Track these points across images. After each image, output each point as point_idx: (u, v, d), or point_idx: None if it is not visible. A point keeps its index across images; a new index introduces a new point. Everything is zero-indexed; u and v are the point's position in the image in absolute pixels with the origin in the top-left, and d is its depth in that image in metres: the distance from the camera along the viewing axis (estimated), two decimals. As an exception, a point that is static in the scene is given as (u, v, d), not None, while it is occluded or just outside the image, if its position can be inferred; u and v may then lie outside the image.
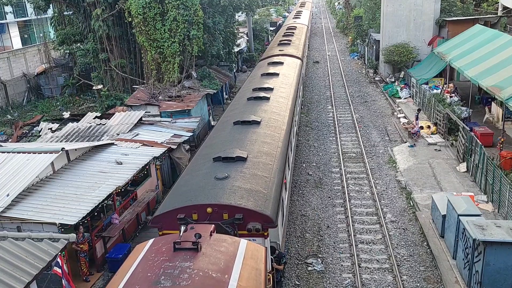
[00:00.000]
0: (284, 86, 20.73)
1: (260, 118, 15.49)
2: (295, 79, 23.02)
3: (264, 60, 28.01)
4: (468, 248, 12.14)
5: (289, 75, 23.15)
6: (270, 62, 25.63)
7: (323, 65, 45.41)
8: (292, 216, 17.09)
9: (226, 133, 14.96)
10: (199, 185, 11.19)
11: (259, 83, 20.87)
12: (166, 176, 19.80)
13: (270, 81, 21.00)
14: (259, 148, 13.37)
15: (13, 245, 10.53)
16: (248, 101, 18.10)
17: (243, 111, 16.68)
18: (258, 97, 18.14)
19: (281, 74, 22.60)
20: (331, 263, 14.35)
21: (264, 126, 15.17)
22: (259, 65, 27.96)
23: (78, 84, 37.08)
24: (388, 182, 19.64)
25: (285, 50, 29.90)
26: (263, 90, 19.26)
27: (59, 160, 15.91)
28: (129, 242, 15.48)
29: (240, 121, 15.23)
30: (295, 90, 21.30)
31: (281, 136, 14.87)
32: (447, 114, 22.48)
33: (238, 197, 10.51)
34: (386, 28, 34.58)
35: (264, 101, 17.85)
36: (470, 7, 37.21)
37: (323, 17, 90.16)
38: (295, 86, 21.83)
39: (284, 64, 25.04)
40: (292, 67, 25.16)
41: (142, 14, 26.59)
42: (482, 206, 16.20)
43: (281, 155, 13.67)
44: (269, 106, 17.43)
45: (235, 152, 12.47)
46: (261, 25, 52.59)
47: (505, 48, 23.20)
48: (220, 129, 15.83)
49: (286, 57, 27.37)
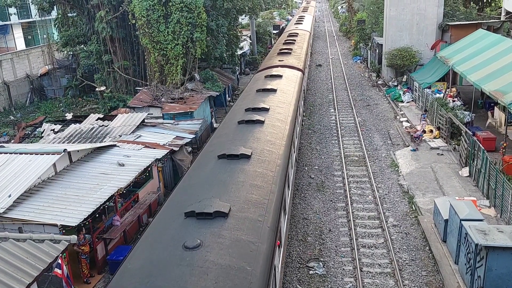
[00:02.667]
0: (282, 106, 18.27)
1: (250, 150, 12.68)
2: (295, 95, 20.55)
3: (261, 72, 25.44)
4: (470, 253, 12.09)
5: (288, 91, 20.72)
6: (267, 75, 23.15)
7: (325, 68, 45.42)
8: (294, 220, 17.05)
9: (206, 171, 11.93)
10: (159, 260, 8.06)
11: (253, 101, 18.31)
12: (168, 178, 19.81)
13: (266, 99, 18.57)
14: (246, 195, 10.44)
15: (14, 246, 10.53)
16: (239, 125, 15.37)
17: (232, 139, 14.10)
18: (250, 120, 15.43)
19: (279, 90, 20.09)
20: (332, 267, 14.31)
21: (256, 160, 12.35)
22: (255, 78, 25.26)
23: (81, 86, 37.17)
24: (390, 186, 19.59)
25: (285, 60, 27.65)
26: (257, 111, 16.56)
27: (61, 162, 15.93)
28: (130, 244, 15.46)
29: (226, 155, 12.38)
30: (295, 109, 18.85)
31: (275, 176, 11.96)
32: (449, 119, 22.43)
33: (210, 284, 7.39)
34: (389, 32, 34.58)
35: (258, 126, 15.15)
36: (473, 12, 37.19)
37: (326, 21, 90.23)
38: (295, 104, 19.45)
39: (283, 78, 22.65)
40: (292, 81, 22.81)
41: (146, 16, 26.66)
42: (484, 211, 16.13)
43: (275, 204, 10.58)
44: (262, 132, 14.68)
45: (214, 205, 9.40)
46: (264, 28, 52.69)
47: (508, 53, 23.15)
48: (202, 164, 12.72)
49: (286, 69, 24.96)
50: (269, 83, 21.35)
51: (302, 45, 35.02)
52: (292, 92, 20.82)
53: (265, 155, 12.92)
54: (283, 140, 14.68)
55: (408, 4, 33.30)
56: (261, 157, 12.72)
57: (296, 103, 19.75)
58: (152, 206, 17.64)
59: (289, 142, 14.98)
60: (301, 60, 28.91)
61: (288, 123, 16.63)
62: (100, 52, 31.34)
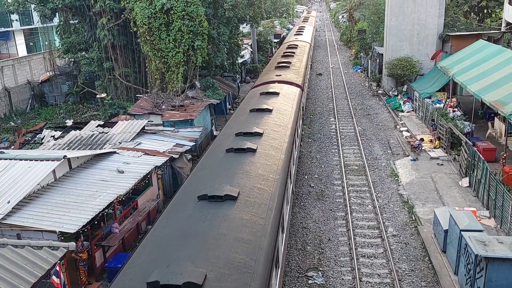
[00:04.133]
0: (278, 129, 16.33)
1: (237, 190, 10.72)
2: (292, 116, 18.70)
3: (257, 89, 23.66)
4: (470, 264, 12.03)
5: (286, 111, 18.95)
6: (263, 93, 21.44)
7: (326, 77, 45.55)
8: (293, 229, 16.99)
9: (182, 219, 9.77)
10: None
11: (245, 123, 16.49)
12: (167, 185, 19.77)
13: (260, 121, 16.71)
14: (229, 254, 8.44)
15: (13, 252, 10.49)
16: (227, 153, 13.52)
17: (217, 174, 12.09)
18: (240, 149, 13.52)
19: (275, 111, 18.37)
20: (331, 277, 14.23)
21: (243, 203, 10.31)
22: (250, 94, 23.45)
23: (82, 92, 37.30)
24: (390, 196, 19.56)
25: (283, 75, 25.93)
26: (248, 137, 14.75)
27: (61, 168, 15.91)
28: (128, 251, 15.40)
29: (208, 196, 10.36)
30: (292, 133, 16.85)
31: (266, 224, 9.83)
32: (449, 129, 22.46)
33: None
34: (389, 42, 34.75)
35: (248, 156, 13.24)
36: (473, 23, 37.44)
37: (327, 30, 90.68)
38: (292, 127, 17.49)
39: (279, 96, 20.97)
40: (289, 99, 21.13)
41: (147, 24, 26.79)
42: (484, 221, 16.09)
43: (264, 265, 8.54)
44: (254, 164, 12.74)
45: (185, 274, 7.48)
46: (265, 37, 52.95)
47: (508, 63, 23.24)
48: (178, 207, 10.59)
49: (283, 85, 23.30)
50: (264, 101, 19.63)
51: (301, 58, 33.33)
52: (289, 112, 19.00)
53: (254, 196, 10.94)
54: (277, 174, 12.68)
55: (409, 14, 33.50)
56: (250, 198, 10.72)
57: (294, 125, 17.87)
58: (151, 214, 17.59)
59: (284, 176, 12.88)
60: (300, 75, 27.24)
61: (284, 151, 14.64)
62: (101, 59, 31.47)
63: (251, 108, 18.60)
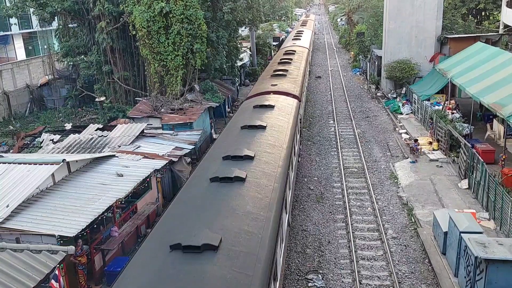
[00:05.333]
0: (272, 150, 14.49)
1: (220, 237, 8.85)
2: (288, 133, 16.80)
3: (251, 100, 21.63)
4: (470, 266, 12.02)
5: (281, 128, 17.08)
6: (256, 106, 19.58)
7: (325, 80, 45.60)
8: (293, 231, 16.98)
9: (151, 277, 8.06)
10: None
11: (235, 144, 14.58)
12: (166, 188, 19.74)
13: (252, 141, 14.88)
14: None
15: (12, 256, 10.47)
16: (211, 183, 11.52)
17: (196, 211, 10.13)
18: (227, 178, 11.53)
19: (269, 127, 16.48)
20: (331, 279, 14.21)
21: (225, 254, 8.54)
22: (243, 107, 21.36)
23: (81, 96, 37.28)
24: (389, 198, 19.55)
25: (279, 84, 23.95)
26: (238, 161, 12.93)
27: (60, 172, 15.88)
28: (128, 255, 15.35)
29: (182, 246, 8.55)
30: (288, 153, 14.99)
31: (254, 280, 8.20)
32: (448, 131, 22.48)
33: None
34: (388, 45, 34.82)
35: (236, 186, 11.34)
36: (471, 25, 37.54)
37: (325, 33, 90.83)
38: (288, 146, 15.60)
39: (275, 109, 19.15)
40: (286, 113, 19.28)
41: (146, 27, 26.82)
42: (484, 223, 16.09)
43: None
44: (242, 197, 10.84)
45: None
46: (264, 40, 53.03)
47: (506, 65, 23.29)
48: (146, 258, 8.82)
49: (279, 97, 21.50)
50: (257, 116, 17.85)
51: (299, 65, 31.04)
52: (285, 129, 17.17)
53: (240, 243, 9.02)
54: (269, 210, 10.65)
55: (407, 17, 33.58)
56: (234, 246, 8.83)
57: (290, 143, 16.08)
58: (151, 217, 17.55)
59: (278, 210, 10.95)
60: (298, 84, 25.16)
61: (278, 178, 12.65)
62: (100, 63, 31.49)
63: (243, 124, 16.66)
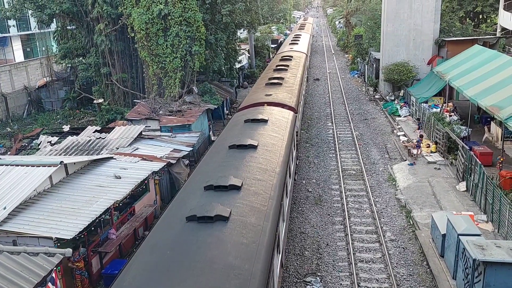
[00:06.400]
0: (262, 177, 12.38)
1: None
2: (283, 153, 14.85)
3: (242, 113, 19.80)
4: (468, 268, 12.02)
5: (275, 146, 15.04)
6: (248, 120, 17.43)
7: (323, 83, 45.64)
8: (291, 234, 16.95)
9: None
10: None
11: (220, 169, 12.65)
12: (164, 191, 19.71)
13: (240, 164, 12.94)
14: None
15: (8, 259, 10.40)
16: (188, 223, 9.52)
17: (170, 259, 8.53)
18: (205, 217, 9.47)
19: (261, 146, 14.48)
20: (330, 282, 14.18)
21: None
22: (234, 120, 19.28)
23: (79, 98, 37.26)
24: (387, 200, 19.55)
25: (274, 94, 22.19)
26: (222, 192, 10.89)
27: (58, 174, 15.84)
28: (125, 258, 15.31)
29: None
30: (282, 180, 12.85)
31: None
32: (446, 133, 22.52)
33: None
34: (386, 47, 34.89)
35: (217, 228, 9.30)
36: (469, 28, 37.66)
37: (324, 35, 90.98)
38: (282, 170, 13.49)
39: (268, 124, 17.16)
40: (280, 128, 17.30)
41: (145, 29, 26.83)
42: (482, 225, 16.10)
43: None
44: (223, 245, 8.90)
45: None
46: (262, 42, 53.14)
47: (503, 68, 23.37)
48: None
49: (274, 109, 19.79)
50: (248, 133, 15.93)
51: (296, 72, 29.00)
52: (279, 148, 15.13)
53: None
54: (257, 261, 8.67)
55: (405, 20, 33.65)
56: None
57: (285, 166, 14.00)
58: (149, 219, 17.52)
59: (267, 263, 8.90)
60: (294, 94, 23.35)
61: (269, 214, 10.54)
62: (99, 65, 31.47)
63: (231, 143, 14.53)
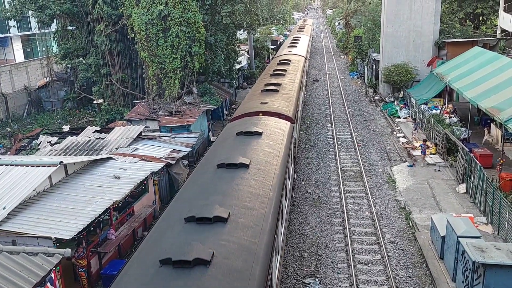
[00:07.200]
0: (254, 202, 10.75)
1: None
2: (278, 173, 13.11)
3: (235, 123, 18.26)
4: (468, 271, 12.01)
5: (269, 164, 13.39)
6: (241, 132, 15.75)
7: (322, 84, 45.66)
8: (290, 235, 16.94)
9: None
10: None
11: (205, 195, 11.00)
12: (164, 191, 19.70)
13: (228, 188, 11.30)
14: None
15: (8, 259, 10.39)
16: (161, 268, 8.05)
17: None
18: (183, 261, 7.98)
19: (253, 165, 12.86)
20: (329, 284, 14.17)
21: None
22: (225, 133, 17.47)
23: (78, 98, 37.28)
24: (387, 202, 19.54)
25: (269, 102, 20.54)
26: (204, 226, 9.31)
27: (57, 174, 15.83)
28: (124, 258, 15.29)
29: None
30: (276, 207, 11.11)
31: None
32: (446, 135, 22.51)
33: None
34: (385, 49, 34.90)
35: (197, 274, 7.80)
36: (469, 29, 37.67)
37: (323, 36, 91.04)
38: (277, 195, 11.74)
39: (262, 137, 15.49)
40: (276, 142, 15.59)
41: (145, 30, 26.85)
42: (481, 228, 16.08)
43: None
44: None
45: None
46: (262, 43, 53.15)
47: (504, 70, 23.37)
48: None
49: (269, 119, 18.16)
50: (240, 148, 14.34)
51: (294, 78, 27.18)
52: (274, 166, 13.42)
53: None
54: None
55: (405, 21, 33.67)
56: None
57: (280, 187, 12.31)
58: (148, 220, 17.50)
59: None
60: (292, 102, 21.54)
61: (259, 255, 8.81)
62: (99, 65, 31.49)
63: (220, 161, 12.84)
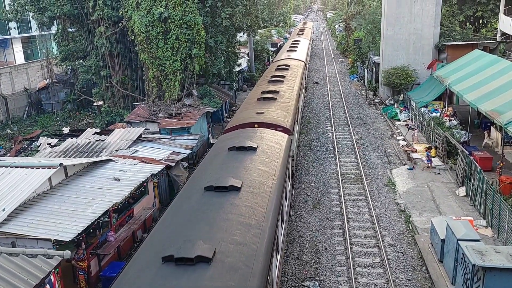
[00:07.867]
0: (243, 238, 9.42)
1: None
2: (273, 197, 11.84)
3: (228, 136, 17.20)
4: (468, 274, 12.00)
5: (264, 186, 12.14)
6: (233, 148, 14.53)
7: (322, 86, 45.68)
8: (290, 238, 16.92)
9: None
10: None
11: (188, 228, 9.71)
12: (163, 193, 19.69)
13: (215, 216, 10.10)
14: None
15: (7, 260, 10.38)
16: None
17: None
18: None
19: (245, 187, 11.62)
20: (328, 286, 14.15)
21: None
22: (216, 147, 16.23)
23: (79, 100, 37.31)
24: (387, 205, 19.53)
25: (266, 112, 19.41)
26: (187, 266, 8.14)
27: (57, 176, 15.82)
28: (124, 260, 15.27)
29: None
30: (269, 241, 9.80)
31: None
32: (446, 138, 22.52)
33: None
34: (386, 51, 34.95)
35: None
36: (469, 32, 37.74)
37: (323, 39, 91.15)
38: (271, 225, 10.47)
39: (257, 153, 14.28)
40: (272, 158, 14.34)
41: (145, 32, 26.89)
42: (481, 231, 16.07)
43: None
44: None
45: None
46: (262, 46, 53.24)
47: (504, 73, 23.40)
48: None
49: (266, 131, 17.11)
50: (232, 166, 13.14)
51: (293, 85, 25.81)
52: (269, 188, 12.13)
53: None
54: None
55: (405, 24, 33.73)
56: None
57: (275, 214, 11.11)
58: (147, 222, 17.49)
59: None
60: (290, 111, 20.30)
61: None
62: (99, 67, 31.54)
63: (208, 183, 11.56)
